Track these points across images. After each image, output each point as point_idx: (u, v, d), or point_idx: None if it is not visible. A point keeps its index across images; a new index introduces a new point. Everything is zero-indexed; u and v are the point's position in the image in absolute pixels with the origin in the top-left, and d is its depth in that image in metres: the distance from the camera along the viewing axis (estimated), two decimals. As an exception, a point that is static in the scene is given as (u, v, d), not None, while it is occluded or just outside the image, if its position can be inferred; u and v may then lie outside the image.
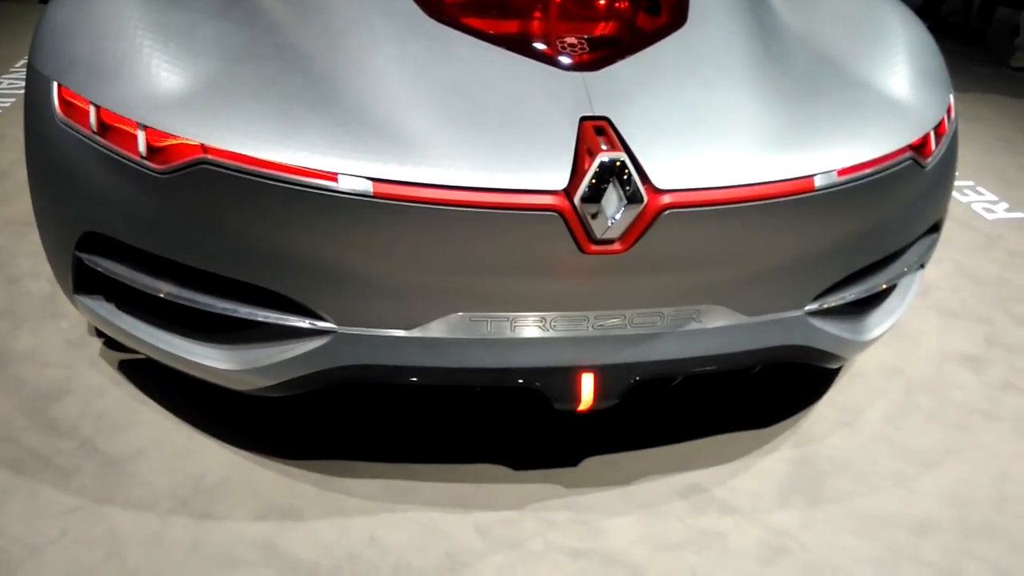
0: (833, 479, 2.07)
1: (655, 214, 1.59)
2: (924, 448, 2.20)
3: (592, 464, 2.07)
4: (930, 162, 1.94)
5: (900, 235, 1.98)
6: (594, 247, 1.60)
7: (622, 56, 1.80)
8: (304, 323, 1.71)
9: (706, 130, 1.69)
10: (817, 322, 1.92)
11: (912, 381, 2.45)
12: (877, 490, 2.04)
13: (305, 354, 1.73)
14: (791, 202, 1.67)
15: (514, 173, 1.56)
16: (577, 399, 1.78)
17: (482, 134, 1.61)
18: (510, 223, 1.56)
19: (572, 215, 1.56)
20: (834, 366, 2.04)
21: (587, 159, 1.57)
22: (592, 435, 2.16)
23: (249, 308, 1.73)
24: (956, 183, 2.17)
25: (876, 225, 1.88)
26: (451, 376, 1.75)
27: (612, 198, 1.56)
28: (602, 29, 1.95)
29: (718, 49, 1.88)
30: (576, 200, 1.56)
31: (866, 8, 2.26)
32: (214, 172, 1.59)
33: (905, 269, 2.08)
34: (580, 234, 1.58)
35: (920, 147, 1.90)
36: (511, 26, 1.88)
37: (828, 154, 1.73)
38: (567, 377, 1.76)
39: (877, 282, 2.01)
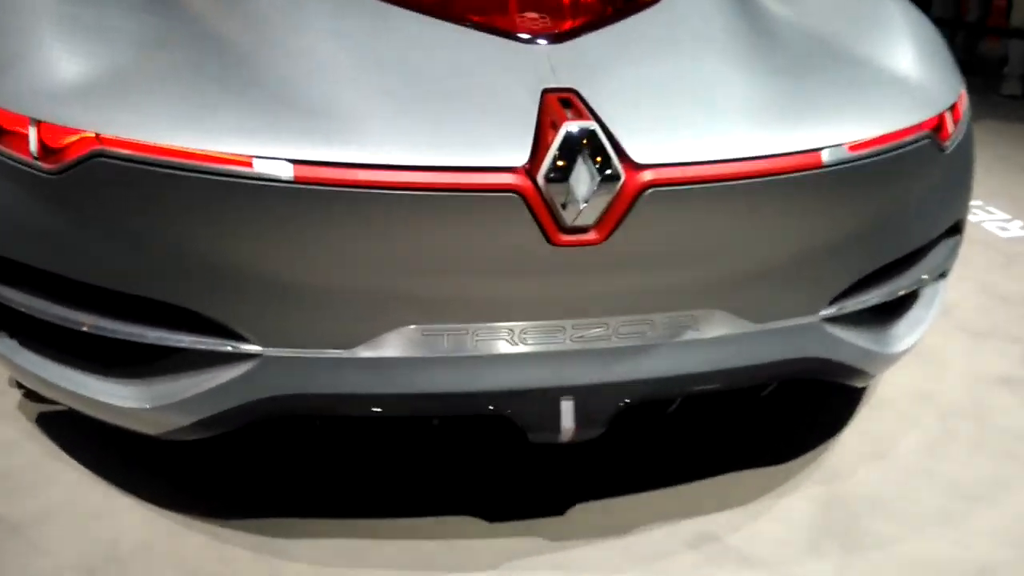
0: (869, 521, 1.75)
1: (635, 194, 1.32)
2: (971, 481, 1.88)
3: (582, 512, 1.75)
4: (949, 145, 1.69)
5: (921, 230, 1.72)
6: (565, 237, 1.33)
7: (591, 29, 1.56)
8: (224, 346, 1.42)
9: (691, 100, 1.44)
10: (836, 330, 1.63)
11: (946, 407, 2.15)
12: (923, 532, 1.72)
13: (226, 384, 1.44)
14: (796, 180, 1.41)
15: (464, 149, 1.30)
16: (556, 428, 1.48)
17: (425, 108, 1.36)
18: (462, 209, 1.30)
19: (536, 197, 1.30)
20: (859, 384, 1.75)
21: (551, 132, 1.31)
22: (580, 475, 1.85)
23: (159, 332, 1.44)
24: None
25: (894, 215, 1.61)
26: (402, 405, 1.45)
27: (582, 175, 1.29)
28: (568, 4, 1.72)
29: (700, 22, 1.65)
30: (539, 179, 1.29)
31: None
32: (111, 166, 1.33)
33: (927, 275, 1.81)
34: (547, 221, 1.31)
35: (936, 129, 1.65)
36: (464, 3, 1.64)
37: (835, 129, 1.48)
38: (543, 402, 1.46)
39: (899, 286, 1.73)
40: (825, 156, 1.43)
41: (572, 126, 1.30)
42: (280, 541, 1.66)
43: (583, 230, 1.33)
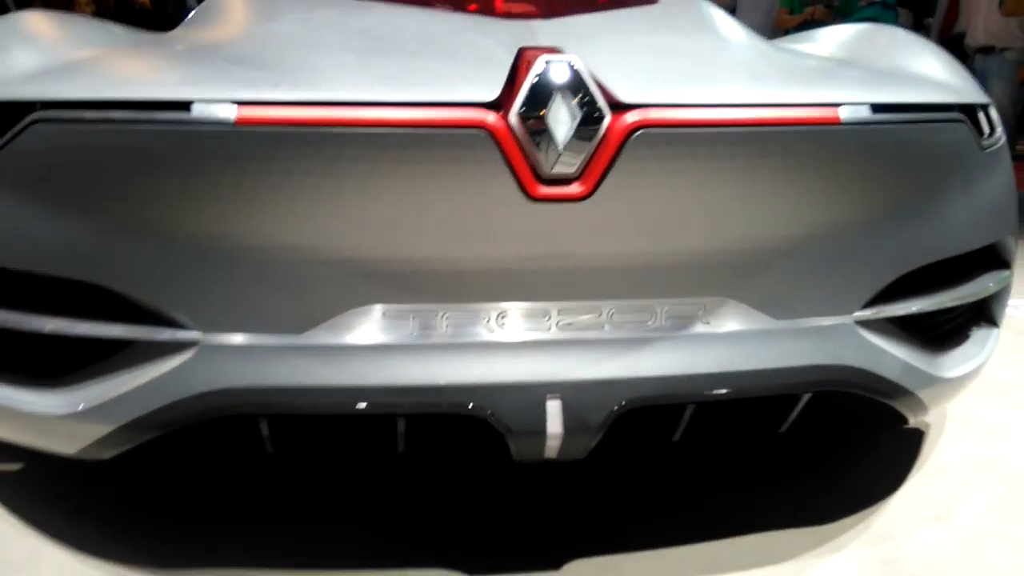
0: (932, 581, 1.44)
1: (622, 138, 1.16)
2: (1052, 543, 1.56)
3: (582, 568, 1.46)
4: (987, 145, 1.53)
5: (960, 232, 1.51)
6: (544, 189, 1.16)
7: (578, 13, 1.46)
8: (158, 333, 1.24)
9: (687, 58, 1.30)
10: (874, 337, 1.40)
11: (1012, 473, 1.85)
12: (1000, 592, 1.41)
13: (158, 379, 1.24)
14: (811, 137, 1.24)
15: (427, 86, 1.16)
16: (541, 432, 1.23)
17: (388, 58, 1.24)
18: (425, 153, 1.14)
19: (508, 138, 1.14)
20: (906, 414, 1.48)
21: (525, 68, 1.17)
22: (578, 520, 1.57)
23: (86, 324, 1.26)
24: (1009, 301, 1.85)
25: (929, 205, 1.42)
26: (359, 399, 1.23)
27: (561, 113, 1.14)
28: (557, 4, 1.64)
29: (700, 18, 1.54)
30: (512, 116, 1.14)
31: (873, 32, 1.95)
32: (48, 131, 1.21)
33: (972, 296, 1.58)
34: (522, 168, 1.15)
35: (971, 116, 1.50)
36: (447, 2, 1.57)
37: (856, 91, 1.32)
38: (525, 400, 1.23)
39: (941, 300, 1.51)
40: (844, 113, 1.26)
41: (549, 59, 1.16)
42: (220, 595, 1.39)
43: (565, 181, 1.16)
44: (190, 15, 1.89)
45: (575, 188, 1.17)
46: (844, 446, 1.93)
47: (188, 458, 1.72)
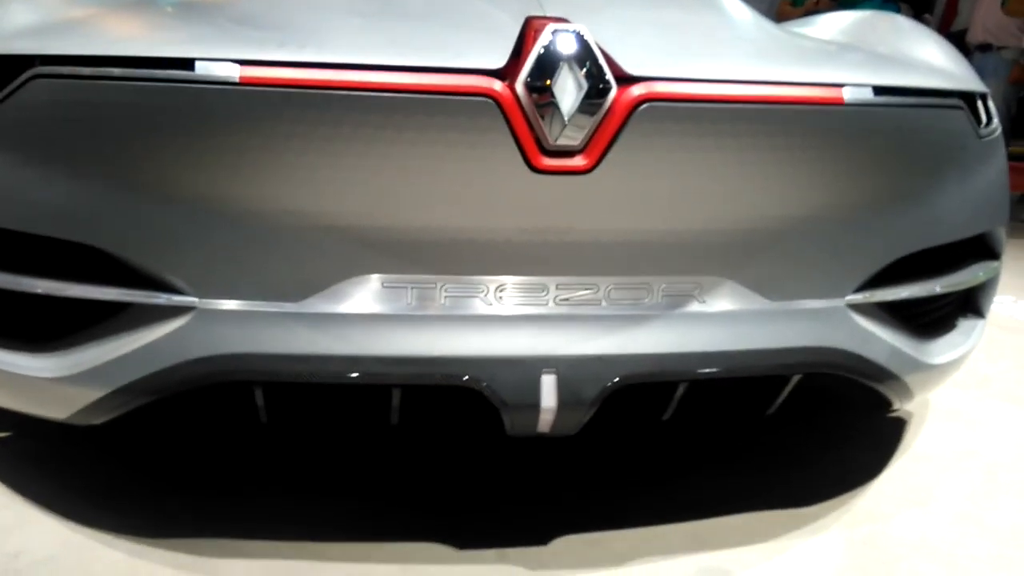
0: (912, 563, 1.46)
1: (627, 111, 1.16)
2: (1028, 529, 1.60)
3: (568, 542, 1.47)
4: (984, 133, 1.54)
5: (953, 220, 1.52)
6: (547, 160, 1.16)
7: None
8: (154, 297, 1.22)
9: (696, 33, 1.30)
10: (865, 321, 1.41)
11: (991, 462, 1.88)
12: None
13: (153, 344, 1.23)
14: (815, 117, 1.25)
15: (434, 52, 1.15)
16: (535, 405, 1.24)
17: (394, 22, 1.22)
18: (430, 119, 1.13)
19: (514, 107, 1.14)
20: (892, 399, 1.50)
21: (532, 38, 1.17)
22: (565, 498, 1.58)
23: (81, 287, 1.24)
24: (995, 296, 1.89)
25: (924, 191, 1.43)
26: (355, 369, 1.22)
27: (568, 84, 1.14)
28: None
29: (708, 4, 1.54)
30: (518, 85, 1.14)
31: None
32: (48, 86, 1.19)
33: (960, 285, 1.60)
34: (526, 138, 1.15)
35: (970, 103, 1.51)
36: None
37: (859, 73, 1.33)
38: (520, 373, 1.24)
39: (932, 286, 1.52)
40: (847, 94, 1.27)
41: (557, 28, 1.15)
42: (207, 561, 1.39)
43: (569, 153, 1.16)
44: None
45: (579, 161, 1.17)
46: (829, 431, 1.95)
47: (182, 427, 1.71)
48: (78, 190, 1.19)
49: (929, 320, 1.62)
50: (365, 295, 1.23)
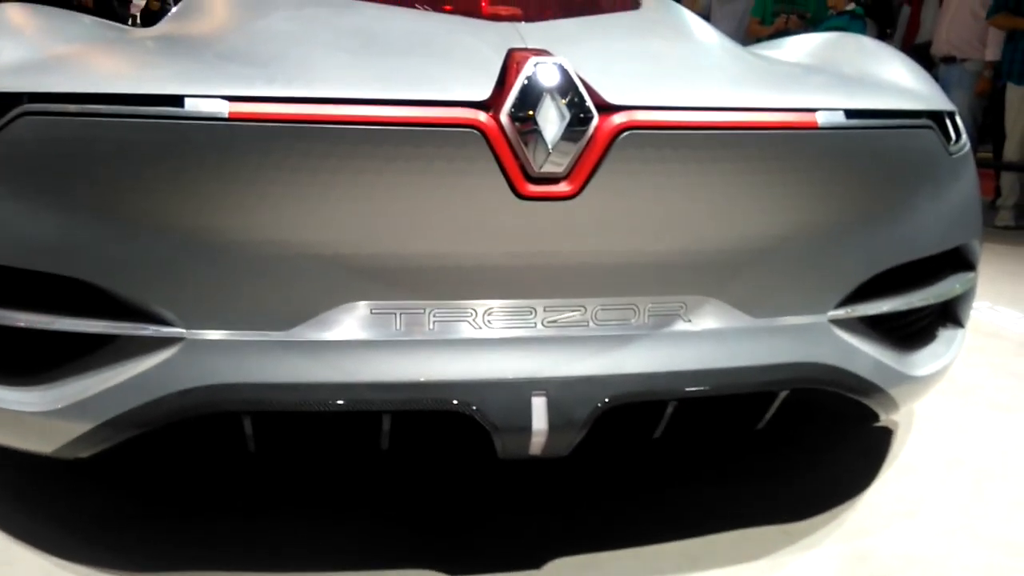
0: None
1: (609, 138, 1.18)
2: (1017, 536, 1.62)
3: (561, 565, 1.47)
4: (954, 151, 1.58)
5: (928, 234, 1.55)
6: (533, 187, 1.18)
7: (566, 17, 1.49)
8: (142, 330, 1.23)
9: (672, 61, 1.34)
10: (847, 336, 1.44)
11: (978, 470, 1.91)
12: (970, 585, 1.45)
13: (140, 376, 1.23)
14: (790, 141, 1.28)
15: (420, 85, 1.18)
16: (527, 429, 1.25)
17: (380, 56, 1.25)
18: (417, 151, 1.15)
19: (499, 137, 1.16)
20: (878, 411, 1.52)
21: (515, 69, 1.20)
22: (559, 520, 1.58)
23: (68, 320, 1.25)
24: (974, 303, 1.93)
25: (899, 208, 1.47)
26: (344, 396, 1.23)
27: (551, 114, 1.17)
28: (542, 8, 1.66)
29: (680, 24, 1.58)
30: (503, 116, 1.16)
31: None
32: (37, 123, 1.20)
33: (939, 298, 1.63)
34: (512, 167, 1.17)
35: (939, 122, 1.55)
36: (434, 4, 1.59)
37: (831, 97, 1.37)
38: (510, 397, 1.25)
39: (911, 300, 1.55)
40: (821, 118, 1.30)
41: (539, 60, 1.18)
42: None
43: (553, 180, 1.19)
44: (174, 10, 1.88)
45: (563, 187, 1.19)
46: (817, 445, 1.97)
47: (166, 456, 1.71)
48: (66, 225, 1.20)
49: (910, 332, 1.65)
50: (353, 322, 1.24)
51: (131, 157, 1.17)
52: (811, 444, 1.97)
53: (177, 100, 1.15)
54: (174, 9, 1.87)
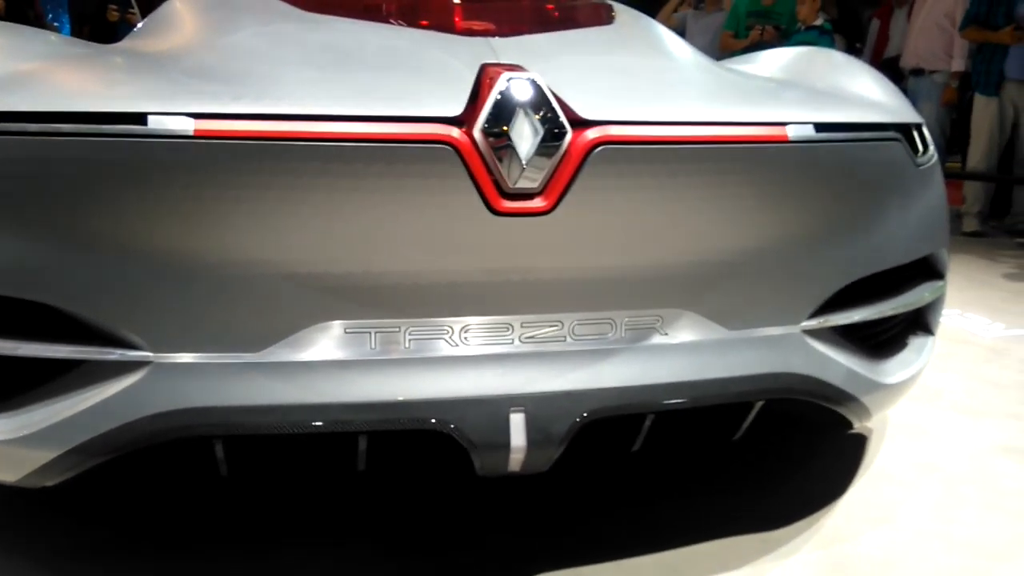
0: (880, 581, 1.49)
1: (583, 153, 1.19)
2: (989, 540, 1.64)
3: (544, 580, 1.47)
4: (922, 162, 1.61)
5: (898, 245, 1.58)
6: (507, 203, 1.18)
7: (538, 31, 1.49)
8: (108, 355, 1.20)
9: (644, 77, 1.35)
10: (820, 346, 1.45)
11: (951, 474, 1.93)
12: (944, 589, 1.46)
13: (107, 401, 1.20)
14: (762, 155, 1.29)
15: (392, 101, 1.17)
16: (505, 446, 1.24)
17: (350, 72, 1.24)
18: (390, 168, 1.15)
19: (473, 153, 1.16)
20: (851, 419, 1.54)
21: (488, 85, 1.19)
22: (540, 537, 1.57)
23: (32, 345, 1.21)
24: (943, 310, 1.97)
25: (869, 220, 1.49)
26: (319, 417, 1.22)
27: (524, 130, 1.17)
28: (512, 15, 1.67)
29: (653, 39, 1.59)
30: (476, 132, 1.16)
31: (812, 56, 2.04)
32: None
33: (909, 306, 1.65)
34: (486, 183, 1.17)
35: (907, 135, 1.57)
36: (406, 14, 1.58)
37: (801, 111, 1.38)
38: (488, 414, 1.24)
39: (882, 309, 1.57)
40: (791, 131, 1.32)
41: (512, 76, 1.18)
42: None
43: (528, 196, 1.19)
44: (138, 26, 1.86)
45: (538, 202, 1.19)
46: (793, 453, 1.98)
47: (134, 482, 1.67)
48: (28, 247, 1.17)
49: (882, 341, 1.67)
50: (327, 342, 1.23)
51: (94, 176, 1.15)
52: (787, 454, 1.99)
53: (141, 118, 1.14)
54: (139, 25, 1.85)
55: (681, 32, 5.83)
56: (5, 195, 1.16)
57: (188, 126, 1.12)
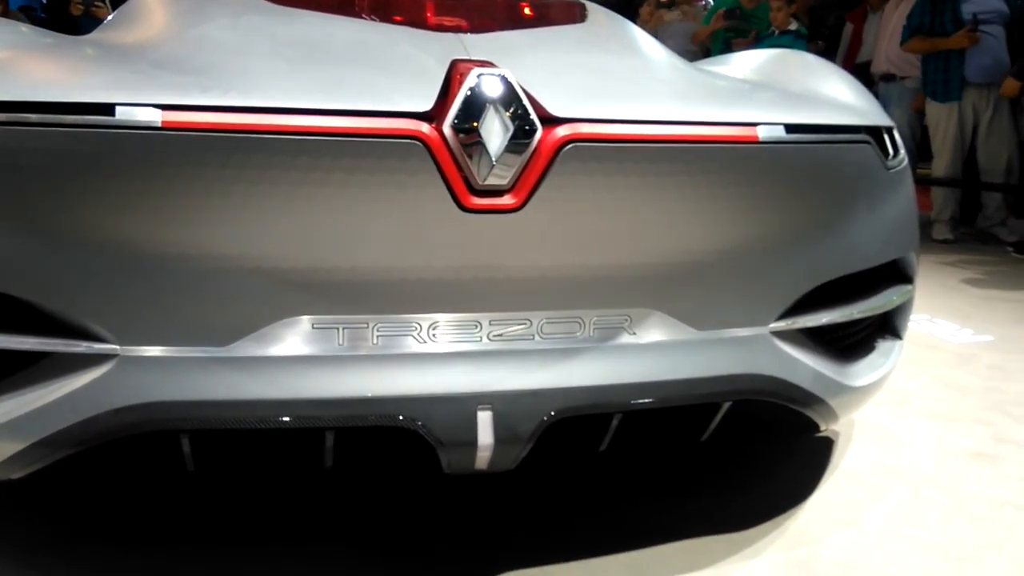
0: (844, 582, 1.50)
1: (553, 150, 1.18)
2: (953, 543, 1.66)
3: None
4: (892, 165, 1.62)
5: (867, 248, 1.59)
6: (477, 200, 1.18)
7: (509, 29, 1.49)
8: (74, 346, 1.19)
9: (615, 76, 1.35)
10: (788, 348, 1.46)
11: (916, 478, 1.95)
12: (907, 590, 1.47)
13: (73, 394, 1.18)
14: (732, 155, 1.30)
15: (360, 95, 1.16)
16: (472, 443, 1.24)
17: (319, 66, 1.23)
18: (358, 163, 1.14)
19: (442, 149, 1.15)
20: (818, 421, 1.55)
21: (458, 81, 1.19)
22: (504, 535, 1.57)
23: None
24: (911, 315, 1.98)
25: (839, 222, 1.50)
26: (286, 413, 1.21)
27: (494, 126, 1.16)
28: (485, 12, 1.66)
29: (625, 38, 1.59)
30: (446, 128, 1.15)
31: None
32: None
33: (877, 309, 1.66)
34: (455, 179, 1.16)
35: (877, 138, 1.59)
36: (377, 8, 1.57)
37: (772, 113, 1.39)
38: (455, 411, 1.24)
39: (850, 311, 1.58)
40: (762, 132, 1.32)
41: (482, 72, 1.18)
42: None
43: (498, 193, 1.18)
44: (108, 18, 1.83)
45: (507, 200, 1.19)
46: (761, 455, 1.99)
47: (100, 476, 1.65)
48: None
49: (850, 344, 1.69)
50: (295, 337, 1.22)
51: (61, 167, 1.13)
52: (754, 455, 2.00)
53: (108, 108, 1.12)
54: (109, 17, 1.83)
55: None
56: None
57: (156, 117, 1.11)
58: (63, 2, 5.53)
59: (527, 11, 1.81)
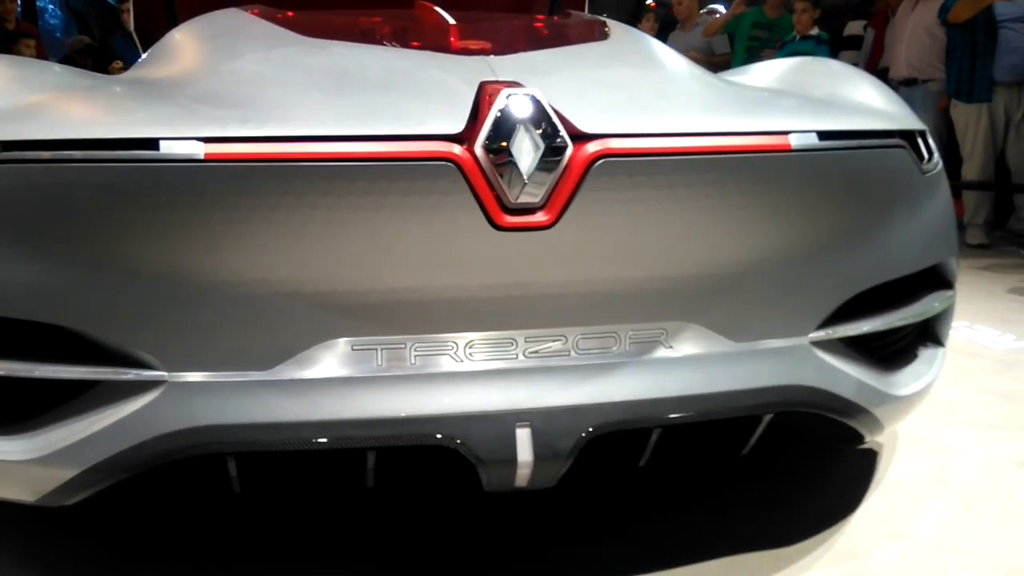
0: (895, 596, 1.47)
1: (584, 166, 1.19)
2: (1006, 554, 1.62)
3: (553, 599, 1.45)
4: (928, 169, 1.60)
5: (905, 254, 1.56)
6: (510, 218, 1.18)
7: (534, 49, 1.50)
8: (124, 375, 1.22)
9: (644, 91, 1.35)
10: (829, 358, 1.44)
11: (964, 489, 1.90)
12: (961, 604, 1.44)
13: (123, 421, 1.21)
14: (765, 164, 1.29)
15: (394, 120, 1.18)
16: (512, 460, 1.24)
17: (353, 94, 1.26)
18: (393, 186, 1.16)
19: (475, 170, 1.17)
20: (862, 432, 1.52)
21: (488, 102, 1.21)
22: (541, 551, 1.56)
23: (49, 367, 1.23)
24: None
25: (875, 229, 1.48)
26: (329, 434, 1.22)
27: (525, 145, 1.17)
28: (509, 34, 1.68)
29: (649, 52, 1.60)
30: (478, 148, 1.17)
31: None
32: (11, 170, 1.19)
33: (918, 316, 1.64)
34: (488, 198, 1.17)
35: (911, 142, 1.57)
36: (403, 36, 1.60)
37: (803, 120, 1.38)
38: (495, 429, 1.24)
39: (891, 319, 1.56)
40: (794, 140, 1.32)
41: (511, 92, 1.19)
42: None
43: (530, 210, 1.19)
44: (143, 56, 1.88)
45: (540, 217, 1.19)
46: (804, 468, 1.97)
47: (148, 500, 1.68)
48: (44, 271, 1.19)
49: (891, 352, 1.66)
50: (334, 359, 1.23)
51: (108, 201, 1.17)
52: (797, 468, 1.97)
53: (152, 143, 1.15)
54: (143, 56, 1.88)
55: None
56: (21, 221, 1.18)
57: (199, 150, 1.14)
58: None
59: (550, 31, 1.83)
